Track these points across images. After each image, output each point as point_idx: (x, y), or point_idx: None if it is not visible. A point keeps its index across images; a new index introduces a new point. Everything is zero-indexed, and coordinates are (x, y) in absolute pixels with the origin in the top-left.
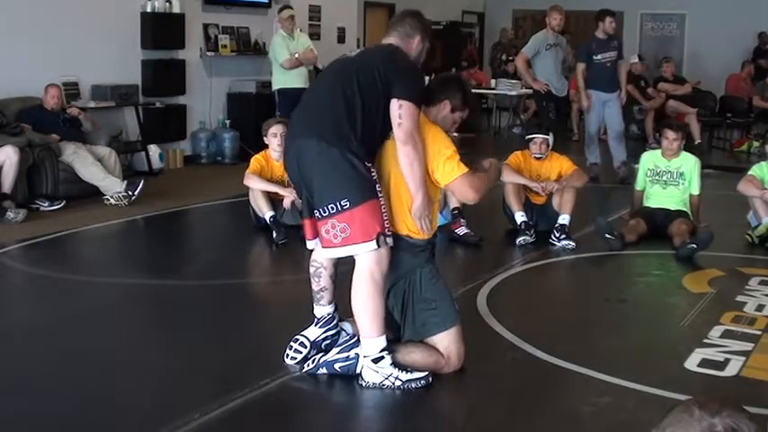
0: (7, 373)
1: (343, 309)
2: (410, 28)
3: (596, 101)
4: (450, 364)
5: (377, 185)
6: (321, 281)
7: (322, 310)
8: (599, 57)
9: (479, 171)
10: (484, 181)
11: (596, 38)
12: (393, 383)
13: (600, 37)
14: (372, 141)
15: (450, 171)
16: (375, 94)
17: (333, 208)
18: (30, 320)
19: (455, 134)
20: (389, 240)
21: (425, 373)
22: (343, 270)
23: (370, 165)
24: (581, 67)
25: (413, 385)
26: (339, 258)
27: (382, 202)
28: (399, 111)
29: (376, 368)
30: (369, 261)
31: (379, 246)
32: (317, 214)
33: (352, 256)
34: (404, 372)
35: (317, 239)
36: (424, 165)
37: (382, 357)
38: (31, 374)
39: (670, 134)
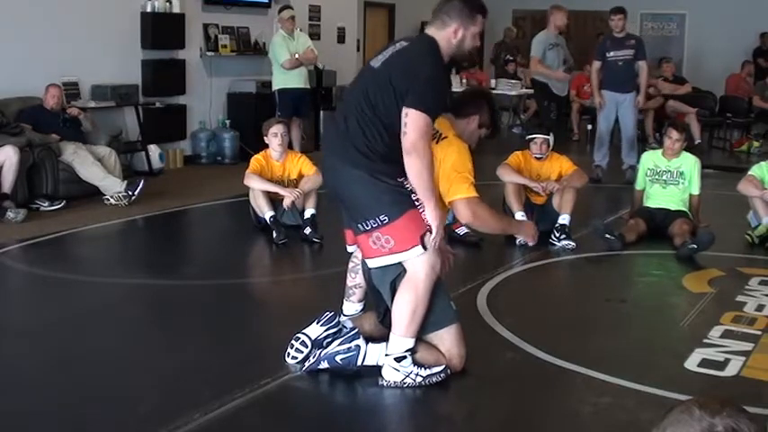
0: (7, 372)
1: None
2: (446, 15)
3: (608, 101)
4: (451, 365)
5: (413, 195)
6: (357, 277)
7: (351, 306)
8: (611, 54)
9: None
10: (494, 219)
11: (611, 35)
12: (414, 380)
13: (614, 35)
14: (400, 156)
15: (455, 189)
16: (395, 109)
17: (374, 222)
18: (30, 320)
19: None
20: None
21: (442, 366)
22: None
23: (402, 179)
24: (596, 65)
25: (433, 380)
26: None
27: (422, 210)
28: (405, 119)
29: (397, 366)
30: (421, 265)
31: (425, 248)
32: (361, 227)
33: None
34: (423, 368)
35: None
36: (432, 174)
37: (405, 357)
38: (30, 374)
39: (674, 134)
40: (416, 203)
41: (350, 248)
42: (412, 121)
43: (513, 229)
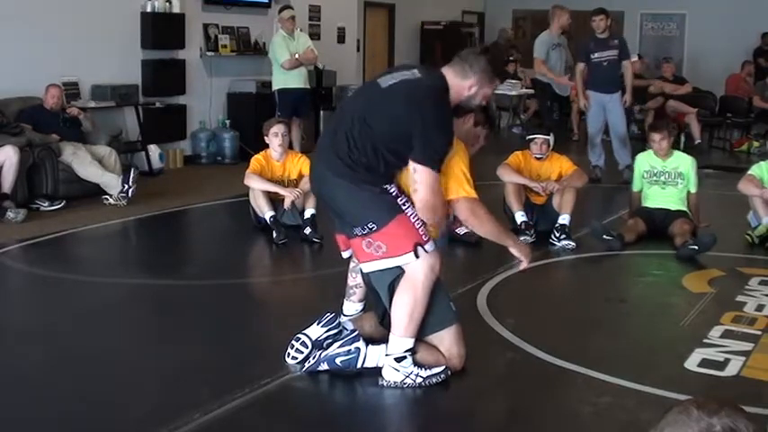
0: (7, 372)
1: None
2: (470, 67)
3: (594, 102)
4: (450, 365)
5: (399, 200)
6: (358, 277)
7: (351, 306)
8: (596, 56)
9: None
10: (491, 222)
11: (594, 36)
12: (414, 381)
13: (598, 36)
14: (386, 169)
15: (456, 189)
16: (388, 135)
17: (363, 229)
18: (30, 320)
19: None
20: (428, 247)
21: (443, 367)
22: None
23: (386, 186)
24: (580, 67)
25: (433, 380)
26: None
27: (410, 213)
28: (415, 175)
29: (398, 367)
30: (420, 267)
31: (417, 256)
32: (356, 232)
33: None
34: (423, 369)
35: (351, 250)
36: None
37: (405, 357)
38: (30, 374)
39: (656, 136)
40: (404, 207)
41: (344, 254)
42: (422, 180)
43: (509, 240)
